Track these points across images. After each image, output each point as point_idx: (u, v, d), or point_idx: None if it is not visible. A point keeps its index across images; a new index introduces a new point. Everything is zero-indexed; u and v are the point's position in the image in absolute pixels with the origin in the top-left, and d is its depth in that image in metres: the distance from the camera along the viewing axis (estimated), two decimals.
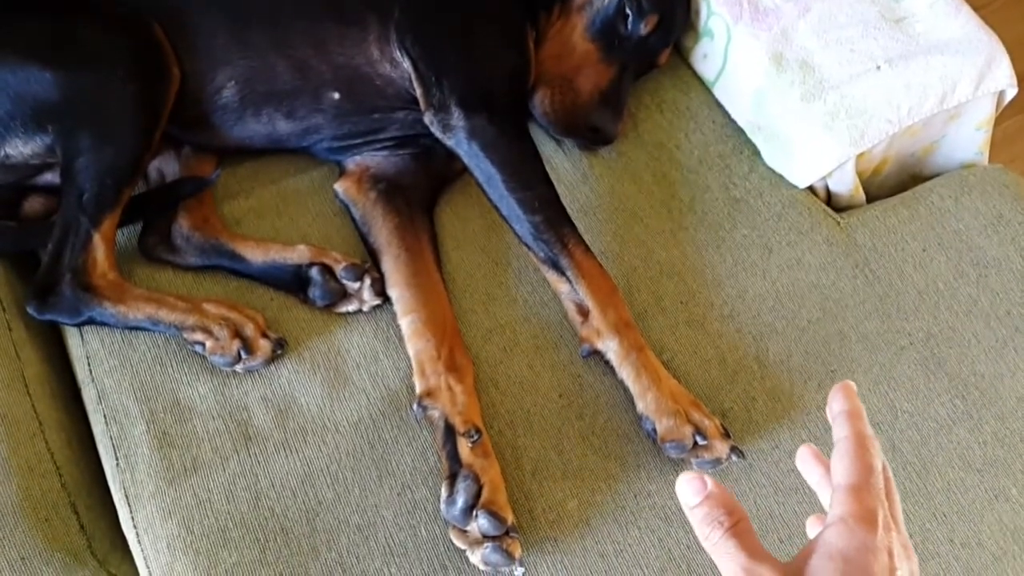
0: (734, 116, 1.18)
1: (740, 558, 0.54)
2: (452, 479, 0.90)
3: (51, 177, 1.04)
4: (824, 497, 0.65)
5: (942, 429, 0.99)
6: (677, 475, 0.92)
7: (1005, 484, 0.96)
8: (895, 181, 1.21)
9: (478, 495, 0.88)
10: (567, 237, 1.00)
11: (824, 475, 0.65)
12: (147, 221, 1.06)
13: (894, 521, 0.57)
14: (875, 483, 0.56)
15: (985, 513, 0.95)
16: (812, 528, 0.69)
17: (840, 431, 0.59)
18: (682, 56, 1.24)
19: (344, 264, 1.02)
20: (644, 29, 1.11)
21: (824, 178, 1.12)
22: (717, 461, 0.93)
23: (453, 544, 0.89)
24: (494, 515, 0.87)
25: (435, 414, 0.94)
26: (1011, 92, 1.12)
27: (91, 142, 0.97)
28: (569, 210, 1.02)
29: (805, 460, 0.67)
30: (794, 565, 0.54)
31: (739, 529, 0.55)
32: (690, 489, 0.58)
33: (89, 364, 0.99)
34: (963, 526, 0.94)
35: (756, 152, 1.16)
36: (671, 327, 1.03)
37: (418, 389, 0.96)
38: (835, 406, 0.61)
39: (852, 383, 0.62)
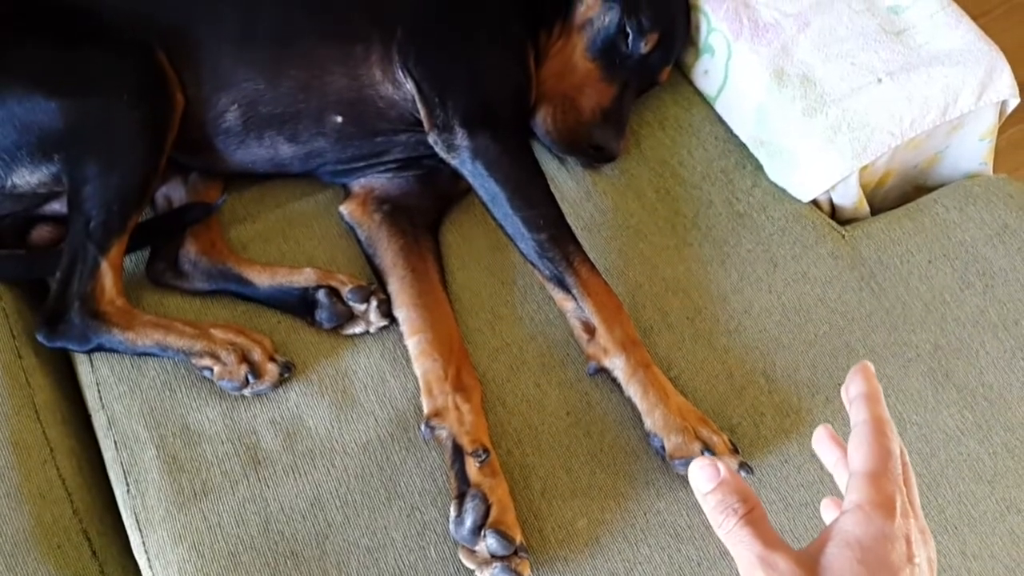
0: (736, 131, 1.18)
1: (755, 546, 0.53)
2: (461, 499, 0.90)
3: (58, 206, 1.05)
4: (840, 480, 0.64)
5: (951, 441, 0.98)
6: (686, 493, 0.94)
7: (1016, 495, 0.96)
8: (899, 193, 1.21)
9: (487, 515, 0.88)
10: (572, 255, 1.00)
11: (841, 458, 0.64)
12: (154, 247, 1.07)
13: (911, 507, 0.56)
14: (893, 469, 0.56)
15: (996, 525, 0.95)
16: (826, 511, 0.68)
17: (858, 415, 0.59)
18: (683, 73, 1.25)
19: (350, 286, 1.03)
20: (645, 47, 1.12)
21: (828, 191, 1.12)
22: None
23: (463, 564, 0.88)
24: (503, 535, 0.87)
25: (443, 434, 0.94)
26: (1013, 101, 1.12)
27: (97, 170, 0.98)
28: (573, 228, 1.02)
29: (821, 441, 0.66)
30: (809, 553, 0.54)
31: (753, 517, 0.55)
32: (703, 476, 0.56)
33: (99, 390, 1.00)
34: (974, 538, 0.94)
35: (759, 167, 1.16)
36: (677, 343, 1.03)
37: (426, 409, 0.96)
38: (852, 389, 0.60)
39: (870, 364, 0.61)
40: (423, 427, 0.95)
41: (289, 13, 1.09)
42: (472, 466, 0.91)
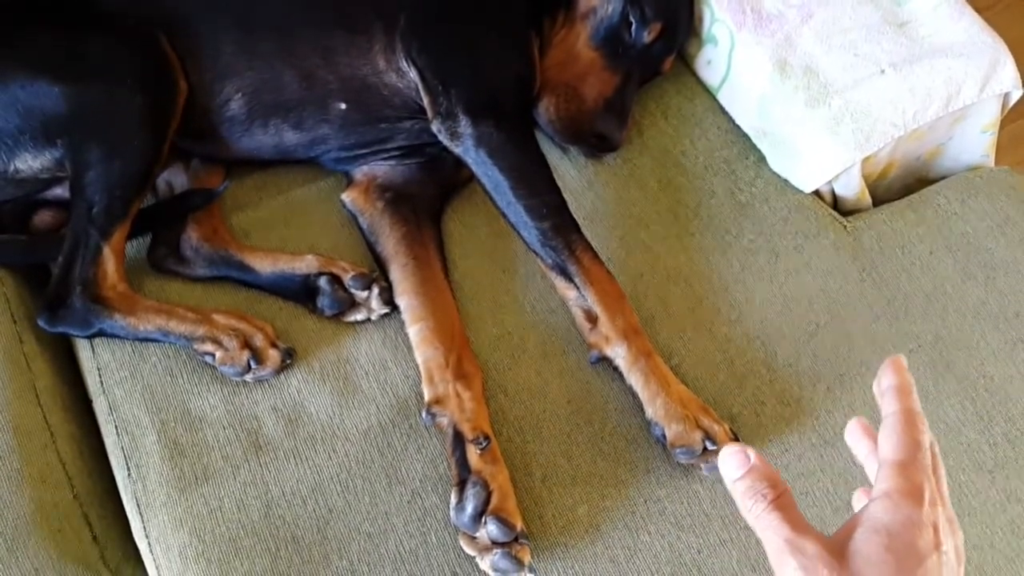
0: (739, 122, 1.18)
1: (784, 530, 0.54)
2: (461, 486, 0.90)
3: (61, 191, 1.05)
4: (871, 471, 0.65)
5: (952, 431, 0.98)
6: (687, 481, 0.94)
7: (1016, 485, 0.96)
8: (901, 184, 1.21)
9: (487, 501, 0.88)
10: (575, 243, 1.00)
11: (872, 449, 0.64)
12: (156, 233, 1.07)
13: (940, 497, 0.57)
14: (922, 459, 0.57)
15: (997, 515, 0.95)
16: (859, 501, 0.69)
17: (889, 406, 0.59)
18: (686, 63, 1.25)
19: (352, 273, 1.03)
20: (648, 37, 1.12)
21: (830, 182, 1.12)
22: None
23: (463, 551, 0.89)
24: (503, 521, 0.87)
25: (444, 421, 0.94)
26: (1016, 94, 1.12)
27: (100, 155, 0.98)
28: (575, 217, 1.02)
29: (854, 433, 0.67)
30: (837, 539, 0.54)
31: (782, 502, 0.56)
32: (734, 462, 0.58)
33: (100, 375, 1.00)
34: (975, 528, 0.94)
35: (761, 157, 1.16)
36: (679, 332, 1.03)
37: (427, 397, 0.96)
38: (884, 381, 0.61)
39: (903, 357, 0.62)
40: (424, 414, 0.95)
41: (292, 2, 1.09)
42: (473, 453, 0.91)
